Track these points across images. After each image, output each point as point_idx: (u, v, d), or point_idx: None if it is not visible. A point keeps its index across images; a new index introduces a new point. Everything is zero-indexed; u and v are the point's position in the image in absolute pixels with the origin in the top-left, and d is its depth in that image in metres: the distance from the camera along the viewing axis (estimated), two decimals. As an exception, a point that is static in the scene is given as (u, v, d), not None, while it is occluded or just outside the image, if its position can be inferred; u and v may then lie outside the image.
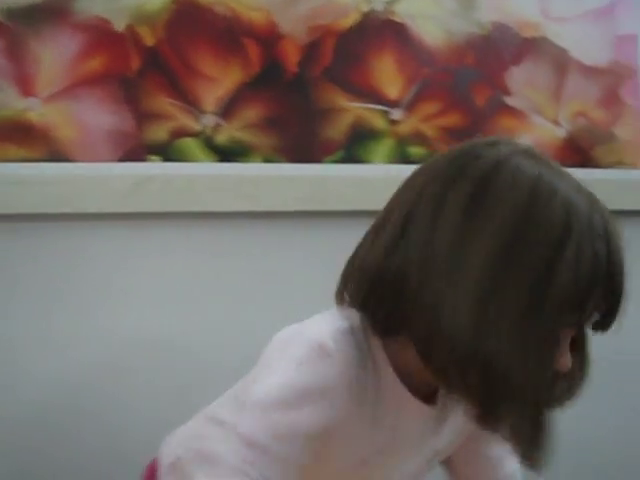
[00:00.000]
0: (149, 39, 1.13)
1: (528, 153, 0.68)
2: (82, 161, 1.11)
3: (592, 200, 0.66)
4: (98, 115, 1.12)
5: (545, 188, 0.64)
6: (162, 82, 1.13)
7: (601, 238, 0.63)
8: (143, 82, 1.13)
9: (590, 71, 1.37)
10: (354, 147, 1.20)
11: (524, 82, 1.31)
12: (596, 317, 0.67)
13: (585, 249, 0.62)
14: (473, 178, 0.65)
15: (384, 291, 0.67)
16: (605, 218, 0.65)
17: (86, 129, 1.11)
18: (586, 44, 1.37)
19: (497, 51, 1.29)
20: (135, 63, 1.12)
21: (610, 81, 1.39)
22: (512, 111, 1.29)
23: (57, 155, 1.11)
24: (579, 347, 0.70)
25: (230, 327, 1.13)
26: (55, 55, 1.10)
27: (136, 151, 1.12)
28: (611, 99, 1.39)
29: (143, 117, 1.12)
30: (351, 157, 1.19)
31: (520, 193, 0.64)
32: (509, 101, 1.29)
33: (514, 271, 0.62)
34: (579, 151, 1.35)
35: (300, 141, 1.17)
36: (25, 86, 1.10)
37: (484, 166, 0.66)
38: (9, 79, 1.09)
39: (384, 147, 1.22)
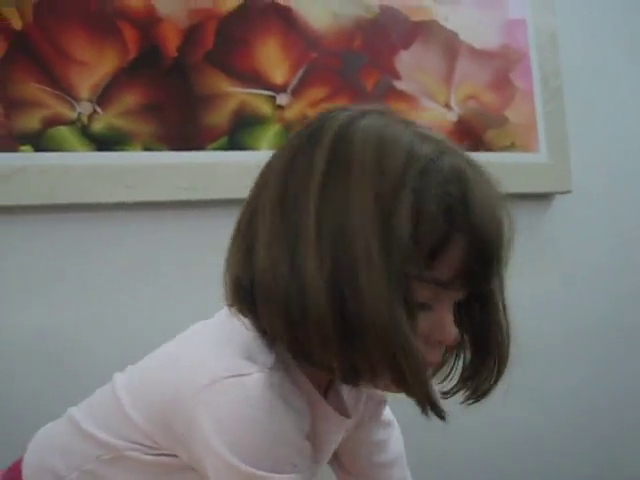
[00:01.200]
0: (16, 22, 1.07)
1: (379, 111, 0.66)
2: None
3: (442, 147, 0.62)
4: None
5: (389, 140, 0.61)
6: (32, 68, 1.07)
7: (451, 183, 0.60)
8: (11, 68, 1.06)
9: (481, 55, 1.38)
10: (239, 133, 1.17)
11: (414, 66, 1.31)
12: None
13: (425, 195, 0.59)
14: (323, 138, 0.62)
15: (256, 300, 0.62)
16: (458, 164, 0.61)
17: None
18: (476, 28, 1.38)
19: (386, 35, 1.28)
20: (1, 48, 1.06)
21: (501, 65, 1.40)
22: (402, 95, 1.28)
23: None
24: (477, 320, 0.67)
25: (102, 320, 1.08)
26: None
27: (5, 141, 1.06)
28: (502, 83, 1.40)
29: (12, 105, 1.06)
30: (236, 144, 1.16)
31: (366, 147, 0.61)
32: (399, 85, 1.28)
33: (358, 222, 0.58)
34: (471, 134, 1.36)
35: (182, 128, 1.13)
36: None
37: (334, 126, 0.63)
38: None
39: (270, 133, 1.19)
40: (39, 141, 1.07)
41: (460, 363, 0.69)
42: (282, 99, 1.20)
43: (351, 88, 1.24)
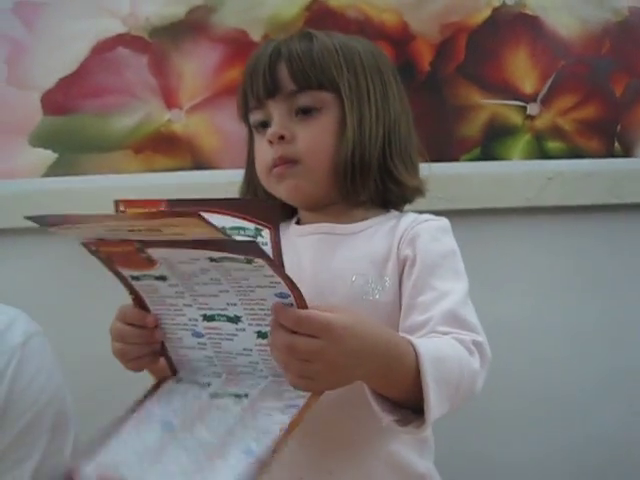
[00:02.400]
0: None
1: None
2: (226, 168, 1.15)
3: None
4: (238, 123, 1.15)
5: None
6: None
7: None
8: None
9: None
10: (491, 144, 1.18)
11: (664, 68, 1.26)
12: None
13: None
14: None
15: None
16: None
17: (227, 137, 1.15)
18: None
19: (635, 37, 1.24)
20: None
21: None
22: (653, 100, 1.24)
23: (201, 164, 1.15)
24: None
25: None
26: (196, 68, 1.15)
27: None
28: None
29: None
30: (488, 154, 1.18)
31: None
32: (649, 89, 1.24)
33: None
34: None
35: (436, 140, 1.16)
36: (169, 99, 1.15)
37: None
38: (154, 93, 1.15)
39: (521, 143, 1.19)
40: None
41: None
42: (532, 109, 1.20)
43: (600, 94, 1.22)
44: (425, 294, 0.74)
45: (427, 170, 0.88)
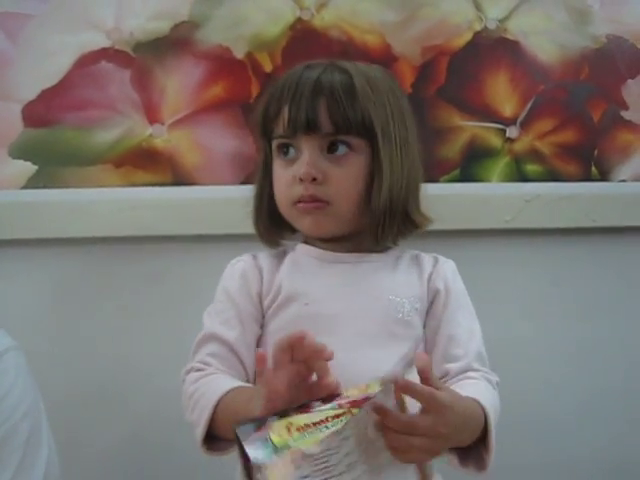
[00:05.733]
0: (267, 65, 1.17)
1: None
2: (206, 184, 1.15)
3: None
4: (220, 140, 1.16)
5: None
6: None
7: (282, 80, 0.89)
8: (263, 107, 1.16)
9: None
10: (470, 166, 1.20)
11: (641, 95, 1.28)
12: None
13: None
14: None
15: None
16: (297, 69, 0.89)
17: (209, 153, 1.15)
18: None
19: (613, 64, 1.26)
20: (255, 88, 1.16)
21: None
22: (630, 125, 1.26)
23: (181, 179, 1.15)
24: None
25: None
26: (179, 83, 1.15)
27: (257, 174, 1.15)
28: None
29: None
30: (467, 176, 1.19)
31: None
32: (626, 115, 1.26)
33: None
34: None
35: (416, 161, 1.17)
36: (151, 114, 1.15)
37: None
38: (137, 107, 1.15)
39: (500, 165, 1.21)
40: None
41: None
42: (512, 132, 1.21)
43: (578, 119, 1.24)
44: (456, 329, 0.86)
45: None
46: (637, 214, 1.22)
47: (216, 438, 0.78)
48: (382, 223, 0.85)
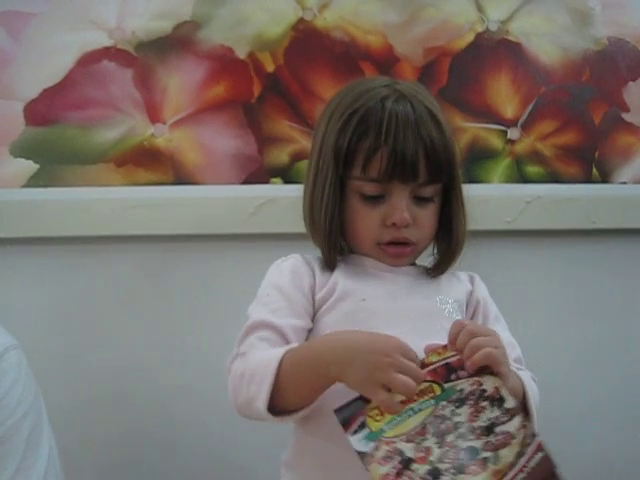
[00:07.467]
0: (269, 65, 1.17)
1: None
2: (207, 184, 1.15)
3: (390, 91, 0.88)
4: (222, 139, 1.16)
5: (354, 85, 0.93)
6: (282, 106, 1.16)
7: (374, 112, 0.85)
8: (264, 107, 1.16)
9: None
10: (471, 167, 1.20)
11: (642, 98, 1.28)
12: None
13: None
14: None
15: None
16: (385, 99, 0.85)
17: (211, 153, 1.16)
18: None
19: (614, 66, 1.26)
20: (257, 88, 1.16)
21: None
22: (631, 128, 1.26)
23: (182, 179, 1.15)
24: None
25: None
26: (181, 83, 1.15)
27: (259, 174, 1.16)
28: None
29: (265, 141, 1.16)
30: (469, 177, 1.19)
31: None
32: (627, 117, 1.26)
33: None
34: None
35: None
36: (153, 113, 1.15)
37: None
38: (138, 107, 1.15)
39: (501, 166, 1.21)
40: (288, 174, 1.16)
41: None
42: (513, 133, 1.22)
43: (579, 121, 1.24)
44: None
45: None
46: (637, 216, 1.23)
47: (276, 406, 0.77)
48: (457, 253, 0.92)
